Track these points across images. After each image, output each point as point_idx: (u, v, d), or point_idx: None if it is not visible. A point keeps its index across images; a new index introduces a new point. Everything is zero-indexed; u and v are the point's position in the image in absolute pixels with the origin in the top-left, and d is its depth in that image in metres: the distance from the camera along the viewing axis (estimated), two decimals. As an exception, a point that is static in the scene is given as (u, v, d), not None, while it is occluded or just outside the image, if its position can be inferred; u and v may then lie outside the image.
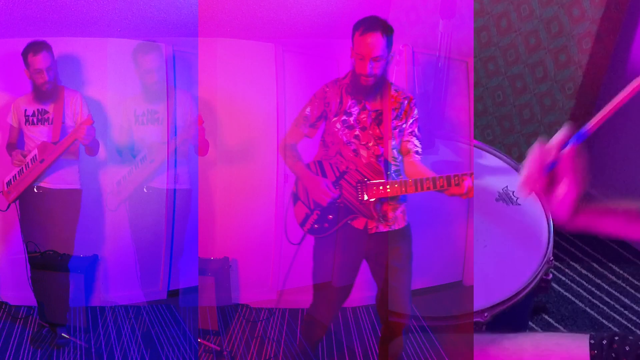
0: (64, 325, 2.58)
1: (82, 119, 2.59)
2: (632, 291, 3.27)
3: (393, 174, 2.11)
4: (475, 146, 2.87)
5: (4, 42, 2.71)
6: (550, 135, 1.34)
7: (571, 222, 1.30)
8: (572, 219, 1.30)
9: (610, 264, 3.39)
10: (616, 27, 3.05)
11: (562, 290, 3.24)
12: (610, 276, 3.33)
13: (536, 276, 2.40)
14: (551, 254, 2.52)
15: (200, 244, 2.73)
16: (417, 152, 2.12)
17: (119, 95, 2.70)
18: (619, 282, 3.30)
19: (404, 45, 2.99)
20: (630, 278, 3.34)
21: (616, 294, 3.24)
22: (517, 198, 2.75)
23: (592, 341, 1.48)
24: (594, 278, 3.31)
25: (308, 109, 2.14)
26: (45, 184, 2.62)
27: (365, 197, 2.02)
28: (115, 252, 2.72)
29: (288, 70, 3.07)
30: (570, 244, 3.52)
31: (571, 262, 3.39)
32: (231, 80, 2.98)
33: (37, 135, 2.60)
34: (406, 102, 2.09)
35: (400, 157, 2.13)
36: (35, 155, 2.56)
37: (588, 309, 3.15)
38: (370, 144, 2.05)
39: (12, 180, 2.60)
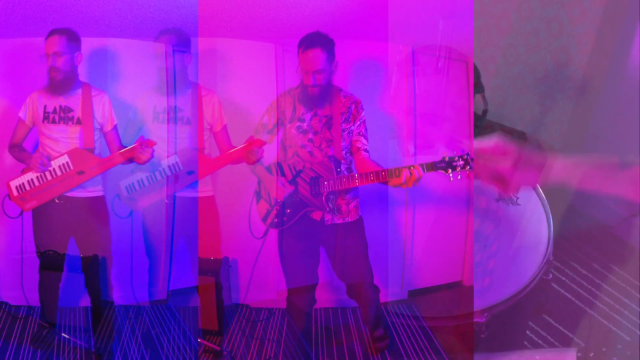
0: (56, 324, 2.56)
1: (112, 125, 2.45)
2: (632, 291, 3.27)
3: (344, 171, 2.36)
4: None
5: (4, 42, 2.71)
6: (550, 135, 1.34)
7: (545, 177, 1.29)
8: (544, 174, 1.28)
9: (610, 264, 3.39)
10: (616, 27, 3.05)
11: (562, 290, 3.24)
12: (610, 276, 3.33)
13: (536, 276, 2.40)
14: (551, 254, 2.52)
15: (200, 244, 2.73)
16: (365, 150, 2.38)
17: (126, 93, 2.64)
18: (619, 282, 3.30)
19: (404, 45, 2.99)
20: (630, 278, 3.33)
21: (616, 294, 3.24)
22: (517, 198, 2.75)
23: (580, 354, 1.47)
24: (594, 278, 3.31)
25: (265, 117, 2.41)
26: (70, 193, 2.40)
27: (319, 191, 2.31)
28: (116, 252, 2.71)
29: (288, 70, 3.07)
30: (570, 244, 3.52)
31: (571, 262, 3.39)
32: (231, 80, 2.98)
33: (58, 134, 2.39)
34: (353, 106, 2.37)
35: (349, 157, 2.38)
36: (68, 163, 2.35)
37: (588, 309, 3.15)
38: (323, 146, 2.32)
39: (27, 185, 2.36)
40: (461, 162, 2.17)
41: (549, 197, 2.71)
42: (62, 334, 2.55)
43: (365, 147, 2.37)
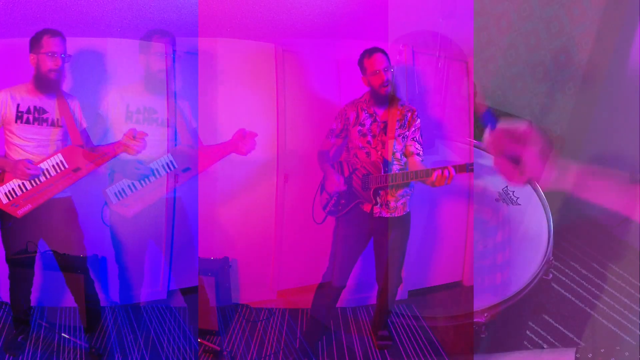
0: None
1: (82, 128, 2.43)
2: (632, 291, 3.27)
3: (396, 171, 2.60)
4: (475, 146, 2.87)
5: (4, 42, 2.71)
6: (550, 135, 1.34)
7: (558, 180, 1.28)
8: (557, 177, 1.28)
9: (610, 264, 3.38)
10: (616, 27, 3.05)
11: (562, 290, 3.24)
12: (610, 276, 3.33)
13: (536, 276, 2.40)
14: (551, 254, 2.52)
15: (200, 244, 2.73)
16: (417, 154, 2.63)
17: (117, 93, 2.57)
18: (619, 282, 3.30)
19: (404, 45, 2.99)
20: (630, 278, 3.33)
21: (616, 294, 3.24)
22: (517, 198, 2.75)
23: (578, 355, 1.47)
24: (594, 278, 3.31)
25: (334, 124, 2.68)
26: None
27: (368, 186, 2.59)
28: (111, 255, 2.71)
29: (288, 70, 3.07)
30: (570, 244, 3.52)
31: (571, 262, 3.39)
32: (231, 80, 2.98)
33: (31, 135, 2.34)
34: (409, 114, 2.63)
35: (404, 159, 2.62)
36: (62, 161, 2.32)
37: (588, 309, 3.15)
38: (378, 148, 2.59)
39: (18, 190, 2.30)
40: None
41: (549, 197, 2.71)
42: (62, 334, 2.55)
43: (418, 151, 2.62)
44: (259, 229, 3.07)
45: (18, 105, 2.32)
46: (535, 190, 2.71)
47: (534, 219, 2.65)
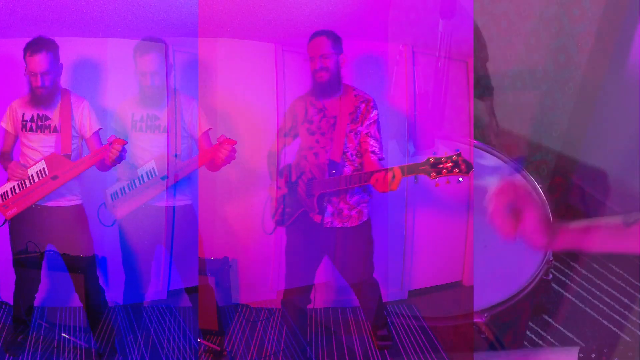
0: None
1: (92, 131, 2.41)
2: (632, 291, 3.27)
3: (348, 173, 2.30)
4: (475, 146, 2.87)
5: (4, 42, 2.71)
6: (550, 135, 1.35)
7: (552, 244, 1.30)
8: (551, 241, 1.30)
9: (610, 264, 3.38)
10: (616, 27, 3.05)
11: (562, 290, 3.24)
12: (610, 276, 3.33)
13: (536, 276, 2.40)
14: (551, 254, 2.52)
15: (200, 244, 2.73)
16: (373, 152, 2.29)
17: (118, 97, 2.60)
18: (619, 282, 3.30)
19: (404, 45, 2.99)
20: (630, 278, 3.33)
21: (616, 294, 3.24)
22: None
23: (581, 355, 1.47)
24: (594, 278, 3.31)
25: (282, 122, 2.43)
26: (47, 202, 2.36)
27: (312, 192, 2.29)
28: (116, 252, 2.71)
29: (288, 70, 3.07)
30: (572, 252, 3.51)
31: (571, 262, 3.39)
32: (231, 80, 2.98)
33: (36, 143, 2.37)
34: (363, 105, 2.30)
35: (357, 159, 2.32)
36: (44, 168, 2.32)
37: (588, 309, 3.15)
38: (327, 147, 2.28)
39: (10, 193, 2.34)
40: (449, 165, 1.99)
41: (549, 197, 2.71)
42: (62, 334, 2.55)
43: (374, 149, 2.29)
44: (259, 228, 3.06)
45: (23, 114, 2.37)
46: (535, 190, 2.71)
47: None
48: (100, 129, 2.45)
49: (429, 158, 1.99)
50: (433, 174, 1.99)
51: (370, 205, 2.44)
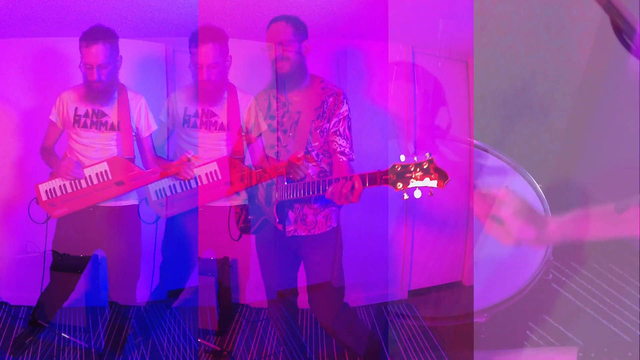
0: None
1: (149, 131, 2.27)
2: (632, 291, 3.27)
3: (314, 176, 2.03)
4: (475, 146, 2.87)
5: (4, 42, 2.71)
6: (550, 135, 1.35)
7: (544, 237, 1.31)
8: (542, 234, 1.30)
9: (610, 264, 3.38)
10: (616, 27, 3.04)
11: (562, 291, 3.24)
12: (610, 276, 3.33)
13: (536, 276, 2.40)
14: (551, 254, 2.52)
15: (200, 244, 2.72)
16: (341, 153, 2.02)
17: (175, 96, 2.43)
18: (619, 282, 3.30)
19: (404, 45, 2.99)
20: (630, 278, 3.33)
21: (616, 294, 3.23)
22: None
23: (581, 354, 1.47)
24: (594, 278, 3.31)
25: (244, 117, 2.13)
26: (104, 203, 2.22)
27: (270, 200, 2.01)
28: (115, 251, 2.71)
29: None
30: (570, 244, 3.51)
31: (571, 262, 3.38)
32: (231, 80, 2.97)
33: (90, 140, 2.22)
34: (331, 99, 2.01)
35: (325, 159, 2.06)
36: (107, 171, 2.17)
37: (588, 309, 3.15)
38: (289, 147, 2.01)
39: (58, 191, 2.19)
40: (418, 173, 1.68)
41: (549, 197, 2.70)
42: (62, 334, 2.55)
43: (343, 149, 2.01)
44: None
45: (76, 109, 2.21)
46: (535, 190, 2.71)
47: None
48: (156, 129, 2.32)
49: (395, 165, 1.69)
50: (400, 184, 1.69)
51: (340, 210, 2.19)
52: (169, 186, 2.30)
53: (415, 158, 1.70)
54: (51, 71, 2.64)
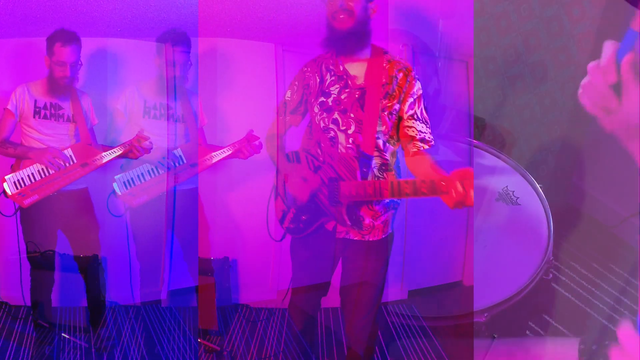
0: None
1: (92, 124, 2.52)
2: (632, 291, 3.27)
3: (375, 171, 1.69)
4: (475, 146, 2.87)
5: (4, 42, 2.71)
6: (550, 135, 1.34)
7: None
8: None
9: (610, 264, 3.38)
10: (616, 27, 3.05)
11: (562, 290, 3.24)
12: (610, 276, 3.33)
13: (536, 276, 2.40)
14: (551, 254, 2.52)
15: (200, 244, 2.73)
16: (422, 140, 1.68)
17: (134, 88, 2.59)
18: (619, 282, 3.30)
19: (404, 45, 2.99)
20: (630, 278, 3.33)
21: (616, 293, 3.24)
22: (518, 198, 2.75)
23: (582, 346, 1.47)
24: (594, 278, 3.31)
25: (289, 93, 1.81)
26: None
27: (337, 199, 1.65)
28: (115, 251, 2.71)
29: (288, 70, 3.07)
30: (570, 244, 3.52)
31: (571, 262, 3.38)
32: (231, 80, 2.98)
33: (49, 130, 2.39)
34: (401, 74, 1.67)
35: (390, 148, 1.73)
36: (71, 156, 2.36)
37: (588, 309, 3.15)
38: (351, 131, 1.65)
39: (26, 180, 2.28)
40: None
41: (549, 197, 2.71)
42: (62, 334, 2.55)
43: (423, 135, 1.67)
44: (259, 228, 3.06)
45: (36, 101, 2.39)
46: (535, 190, 2.71)
47: (534, 219, 2.65)
48: (97, 122, 2.55)
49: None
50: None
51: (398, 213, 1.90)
52: (137, 176, 2.48)
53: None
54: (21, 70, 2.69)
